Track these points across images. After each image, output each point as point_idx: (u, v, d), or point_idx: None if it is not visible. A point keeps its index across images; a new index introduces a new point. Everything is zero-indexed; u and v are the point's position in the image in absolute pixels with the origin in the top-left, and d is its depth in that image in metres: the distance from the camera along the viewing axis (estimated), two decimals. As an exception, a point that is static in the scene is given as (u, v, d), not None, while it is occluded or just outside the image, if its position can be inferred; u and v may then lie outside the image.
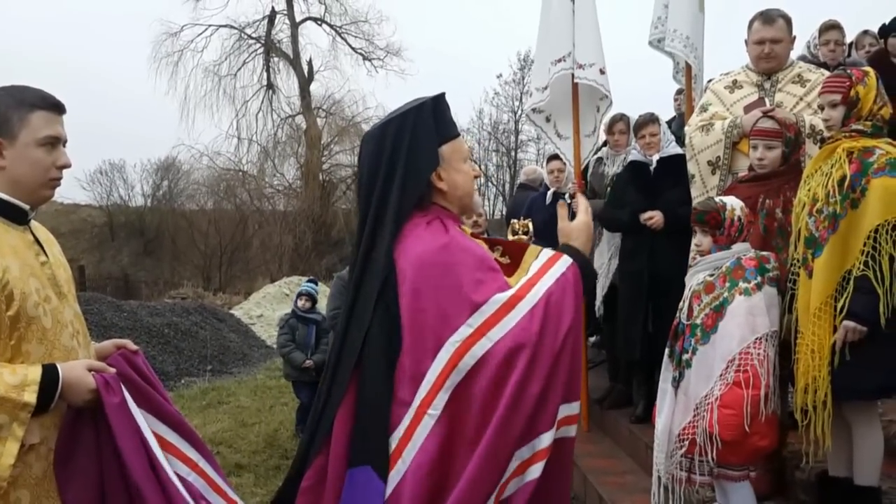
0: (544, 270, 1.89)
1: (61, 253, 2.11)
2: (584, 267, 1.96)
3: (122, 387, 1.93)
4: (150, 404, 2.06)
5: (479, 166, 29.51)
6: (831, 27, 5.34)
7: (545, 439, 1.78)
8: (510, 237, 2.52)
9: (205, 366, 10.33)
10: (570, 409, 1.84)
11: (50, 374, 1.82)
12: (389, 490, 1.79)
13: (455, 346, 1.78)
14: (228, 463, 5.57)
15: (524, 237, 2.47)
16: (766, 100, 3.82)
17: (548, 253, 1.96)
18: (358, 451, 1.83)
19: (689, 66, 4.82)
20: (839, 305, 2.78)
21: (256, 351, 12.10)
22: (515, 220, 2.51)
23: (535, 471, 1.78)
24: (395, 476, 1.80)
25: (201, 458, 2.15)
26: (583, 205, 2.09)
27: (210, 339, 11.32)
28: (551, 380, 1.79)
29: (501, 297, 1.81)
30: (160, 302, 14.99)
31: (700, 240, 3.17)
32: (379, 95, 39.73)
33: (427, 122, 1.96)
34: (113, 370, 1.97)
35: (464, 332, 1.78)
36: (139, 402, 2.00)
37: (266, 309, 16.14)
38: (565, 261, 1.93)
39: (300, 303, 6.57)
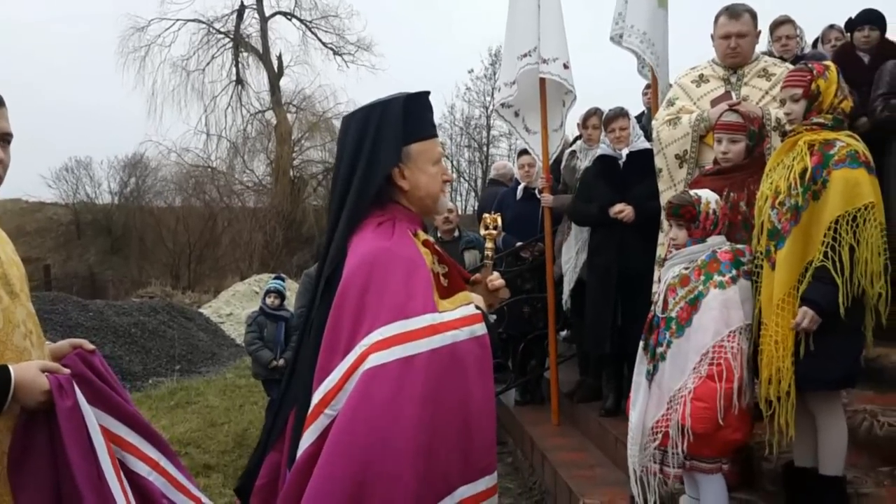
0: (465, 322, 1.88)
1: (14, 251, 2.04)
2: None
3: (76, 388, 1.88)
4: (108, 404, 2.01)
5: (451, 162, 29.50)
6: (782, 23, 5.37)
7: None
8: (482, 231, 2.54)
9: (173, 365, 10.20)
10: (474, 487, 1.84)
11: (2, 375, 1.76)
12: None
13: (362, 349, 1.76)
14: (197, 464, 5.48)
15: (493, 231, 2.48)
16: (733, 94, 3.84)
17: (471, 310, 1.95)
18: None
19: (653, 61, 4.84)
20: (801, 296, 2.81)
21: (226, 350, 11.99)
22: (487, 215, 2.54)
23: None
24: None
25: (162, 457, 2.11)
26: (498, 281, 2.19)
27: (178, 338, 11.20)
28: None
29: (427, 318, 1.80)
30: (127, 301, 14.81)
31: (675, 233, 3.17)
32: (350, 91, 39.52)
33: (394, 117, 1.93)
34: (67, 371, 1.91)
35: (373, 338, 1.77)
36: (96, 402, 1.95)
37: (236, 307, 16.01)
38: (481, 327, 1.92)
39: (269, 300, 6.47)
